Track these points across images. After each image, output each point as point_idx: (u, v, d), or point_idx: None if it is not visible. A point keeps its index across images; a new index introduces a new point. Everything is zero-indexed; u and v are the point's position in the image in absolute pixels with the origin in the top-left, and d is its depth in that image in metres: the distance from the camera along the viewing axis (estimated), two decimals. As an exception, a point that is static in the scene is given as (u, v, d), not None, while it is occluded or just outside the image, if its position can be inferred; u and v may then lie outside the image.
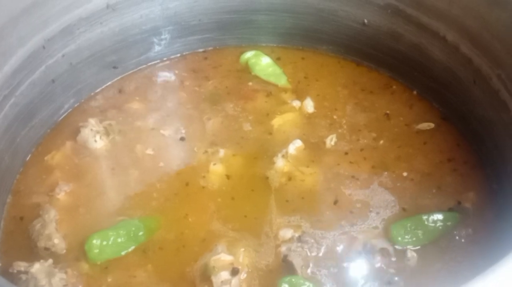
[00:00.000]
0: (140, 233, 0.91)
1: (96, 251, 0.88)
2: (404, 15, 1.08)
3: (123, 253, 0.89)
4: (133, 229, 0.90)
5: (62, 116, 1.10)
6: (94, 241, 0.88)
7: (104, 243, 0.88)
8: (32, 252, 0.89)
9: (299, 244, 0.89)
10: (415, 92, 1.13)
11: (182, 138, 1.06)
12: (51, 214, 0.92)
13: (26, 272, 0.84)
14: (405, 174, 0.99)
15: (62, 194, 0.97)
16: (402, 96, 1.12)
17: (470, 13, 0.98)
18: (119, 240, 0.89)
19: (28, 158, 1.03)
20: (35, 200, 0.96)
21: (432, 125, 1.07)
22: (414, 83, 1.13)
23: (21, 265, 0.85)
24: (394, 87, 1.15)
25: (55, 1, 1.00)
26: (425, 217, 0.92)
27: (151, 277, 0.87)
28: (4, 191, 0.98)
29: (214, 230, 0.92)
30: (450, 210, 0.94)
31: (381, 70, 1.17)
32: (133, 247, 0.90)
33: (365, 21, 1.14)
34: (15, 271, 0.85)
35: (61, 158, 1.03)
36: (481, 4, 0.95)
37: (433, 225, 0.91)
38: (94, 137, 1.03)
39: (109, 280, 0.86)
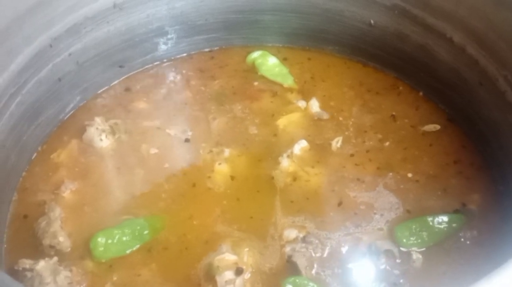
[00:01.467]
0: (145, 232, 0.91)
1: (101, 249, 0.88)
2: (410, 16, 1.08)
3: (128, 252, 0.89)
4: (138, 228, 0.91)
5: (68, 115, 1.10)
6: (99, 239, 0.89)
7: (109, 241, 0.89)
8: (37, 250, 0.89)
9: (303, 245, 0.89)
10: (421, 93, 1.12)
11: (187, 138, 1.06)
12: (56, 212, 0.92)
13: (31, 270, 0.84)
14: (410, 175, 0.99)
15: (67, 192, 0.97)
16: (408, 98, 1.12)
17: (476, 14, 0.97)
18: (124, 238, 0.89)
19: (34, 156, 1.04)
20: (41, 198, 0.97)
21: (438, 127, 1.07)
22: (420, 84, 1.12)
23: (26, 263, 0.85)
24: (401, 88, 1.14)
25: (61, 0, 1.00)
26: (430, 219, 0.91)
27: (156, 276, 0.87)
28: (10, 189, 0.98)
29: (219, 231, 0.92)
30: (455, 212, 0.94)
31: (387, 71, 1.17)
32: (138, 246, 0.90)
33: (372, 21, 1.14)
34: (20, 269, 0.85)
35: (67, 156, 1.03)
36: (488, 5, 0.95)
37: (438, 226, 0.91)
38: (100, 136, 1.04)
39: (114, 278, 0.87)
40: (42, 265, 0.84)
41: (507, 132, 0.96)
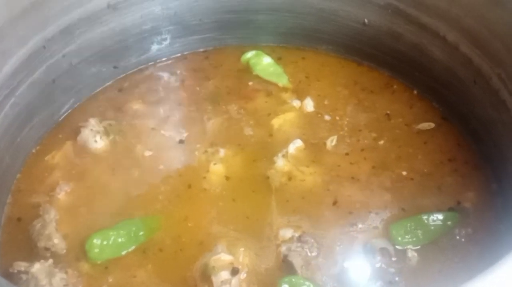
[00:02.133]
0: (141, 233, 0.91)
1: (97, 250, 0.88)
2: (404, 15, 1.08)
3: (123, 253, 0.89)
4: (134, 229, 0.90)
5: (62, 116, 1.10)
6: (95, 241, 0.88)
7: (105, 242, 0.88)
8: (32, 252, 0.89)
9: (299, 244, 0.89)
10: (415, 92, 1.12)
11: (182, 139, 1.06)
12: (51, 214, 0.92)
13: (26, 272, 0.84)
14: (405, 173, 0.99)
15: (62, 193, 0.97)
16: (402, 96, 1.12)
17: (470, 13, 0.98)
18: (120, 239, 0.89)
19: (28, 158, 1.03)
20: (35, 199, 0.97)
21: (432, 125, 1.07)
22: (415, 83, 1.13)
23: (21, 265, 0.85)
24: (395, 87, 1.14)
25: (55, 1, 1.00)
26: (425, 217, 0.91)
27: (152, 277, 0.87)
28: (5, 191, 0.98)
29: (215, 232, 0.92)
30: (450, 209, 0.94)
31: (382, 70, 1.17)
32: (133, 247, 0.90)
33: (366, 21, 1.14)
34: (15, 271, 0.85)
35: (62, 157, 1.03)
36: (481, 3, 0.95)
37: (433, 224, 0.91)
38: (94, 137, 1.03)
39: (110, 280, 0.86)
40: (37, 267, 0.84)
41: (501, 130, 0.96)
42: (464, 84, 1.03)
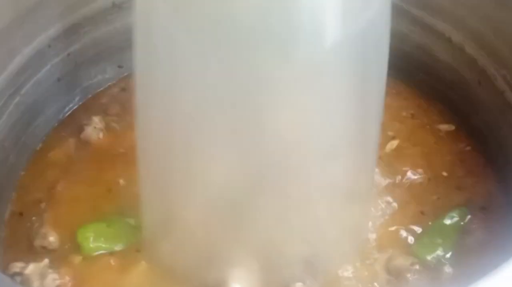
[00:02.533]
0: (136, 230, 0.90)
1: (91, 246, 0.88)
2: (409, 16, 1.07)
3: (118, 250, 0.89)
4: (129, 225, 0.90)
5: (66, 114, 1.10)
6: (89, 237, 0.88)
7: (101, 239, 0.89)
8: (30, 251, 0.89)
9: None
10: (421, 92, 1.11)
11: (183, 138, 1.06)
12: (51, 211, 0.92)
13: (21, 274, 0.84)
14: (417, 175, 0.98)
15: (63, 191, 0.97)
16: (408, 97, 1.11)
17: (475, 14, 0.97)
18: (115, 236, 0.89)
19: (32, 155, 1.03)
20: (37, 196, 0.97)
21: (440, 126, 1.06)
22: (420, 84, 1.11)
23: (17, 266, 0.85)
24: (401, 88, 1.13)
25: (61, 0, 1.00)
26: (444, 221, 0.91)
27: (147, 275, 0.87)
28: (9, 188, 0.98)
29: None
30: (465, 211, 0.93)
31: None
32: (128, 244, 0.89)
33: (370, 22, 1.13)
34: (11, 273, 0.84)
35: (64, 155, 1.03)
36: (487, 4, 0.94)
37: (452, 228, 0.91)
38: (98, 135, 1.04)
39: (105, 276, 0.86)
40: (30, 268, 0.84)
41: (506, 131, 0.95)
42: (469, 86, 1.02)
